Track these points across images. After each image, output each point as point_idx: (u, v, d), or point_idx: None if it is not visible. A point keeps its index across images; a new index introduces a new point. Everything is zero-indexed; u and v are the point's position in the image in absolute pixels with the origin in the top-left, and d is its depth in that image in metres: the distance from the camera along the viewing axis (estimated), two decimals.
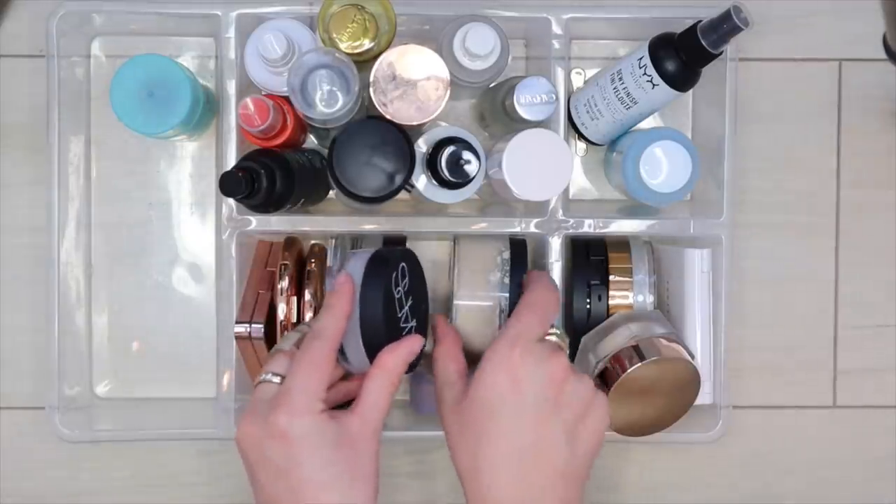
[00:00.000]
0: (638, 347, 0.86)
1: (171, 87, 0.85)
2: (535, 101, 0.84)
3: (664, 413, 0.88)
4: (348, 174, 0.79)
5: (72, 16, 0.90)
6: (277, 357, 0.77)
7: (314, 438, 0.72)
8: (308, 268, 0.89)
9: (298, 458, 0.72)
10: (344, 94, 0.80)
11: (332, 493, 0.72)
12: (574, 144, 0.96)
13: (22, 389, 0.95)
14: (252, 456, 0.74)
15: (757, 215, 0.97)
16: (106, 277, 0.96)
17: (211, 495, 0.96)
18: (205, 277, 0.97)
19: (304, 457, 0.72)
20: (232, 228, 0.90)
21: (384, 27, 0.82)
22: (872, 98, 0.98)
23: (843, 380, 0.99)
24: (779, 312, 0.98)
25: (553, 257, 0.91)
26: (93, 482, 0.96)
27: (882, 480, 0.99)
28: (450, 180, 0.81)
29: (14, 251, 0.95)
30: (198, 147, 0.96)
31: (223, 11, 0.89)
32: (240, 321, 0.88)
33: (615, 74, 0.89)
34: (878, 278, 0.98)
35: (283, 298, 0.87)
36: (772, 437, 0.98)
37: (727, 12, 0.81)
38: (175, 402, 0.96)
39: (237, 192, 0.76)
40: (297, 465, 0.72)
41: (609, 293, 0.91)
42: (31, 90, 0.94)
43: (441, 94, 0.81)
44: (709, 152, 0.92)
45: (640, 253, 0.92)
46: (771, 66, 0.97)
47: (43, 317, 0.91)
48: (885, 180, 0.98)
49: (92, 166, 0.96)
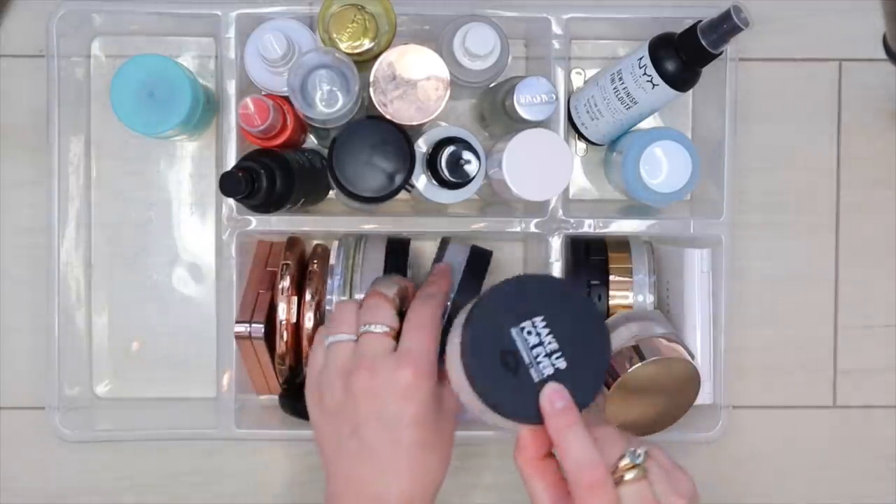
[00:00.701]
0: (638, 347, 0.86)
1: (171, 87, 0.85)
2: (535, 101, 0.84)
3: (664, 413, 0.88)
4: (348, 174, 0.79)
5: (72, 16, 0.90)
6: (382, 305, 0.77)
7: (432, 402, 0.75)
8: (310, 268, 0.89)
9: (414, 416, 0.74)
10: (344, 94, 0.80)
11: (431, 454, 0.75)
12: (574, 144, 0.96)
13: (22, 389, 0.95)
14: (367, 406, 0.74)
15: (757, 215, 0.97)
16: (106, 277, 0.96)
17: (211, 495, 0.96)
18: (205, 277, 0.97)
19: (420, 416, 0.74)
20: (232, 228, 0.90)
21: (384, 27, 0.82)
22: (872, 98, 0.98)
23: (843, 380, 0.99)
24: (779, 312, 0.98)
25: (553, 257, 0.91)
26: (93, 482, 0.96)
27: (882, 480, 0.99)
28: (450, 180, 0.81)
29: (14, 251, 0.95)
30: (198, 147, 0.96)
31: (223, 11, 0.89)
32: (240, 321, 0.88)
33: (615, 74, 0.89)
34: (878, 278, 0.98)
35: (283, 298, 0.87)
36: (772, 437, 0.98)
37: (727, 12, 0.81)
38: (175, 402, 0.96)
39: (237, 192, 0.76)
40: (411, 423, 0.74)
41: (609, 293, 0.91)
42: (31, 90, 0.94)
43: (441, 94, 0.81)
44: (709, 152, 0.92)
45: (640, 253, 0.92)
46: (771, 66, 0.97)
47: (43, 317, 0.91)
48: (885, 180, 0.98)
49: (92, 166, 0.96)
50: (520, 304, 0.66)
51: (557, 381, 0.66)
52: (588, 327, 0.67)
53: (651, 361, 0.85)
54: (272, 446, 0.96)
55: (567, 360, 0.66)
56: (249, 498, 0.96)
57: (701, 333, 0.91)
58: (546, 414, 0.66)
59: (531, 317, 0.66)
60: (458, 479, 0.97)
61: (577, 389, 0.66)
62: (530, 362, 0.66)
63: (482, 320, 0.67)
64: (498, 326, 0.66)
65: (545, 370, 0.66)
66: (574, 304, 0.67)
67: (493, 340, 0.66)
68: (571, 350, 0.66)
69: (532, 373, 0.66)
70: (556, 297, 0.67)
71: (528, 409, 0.66)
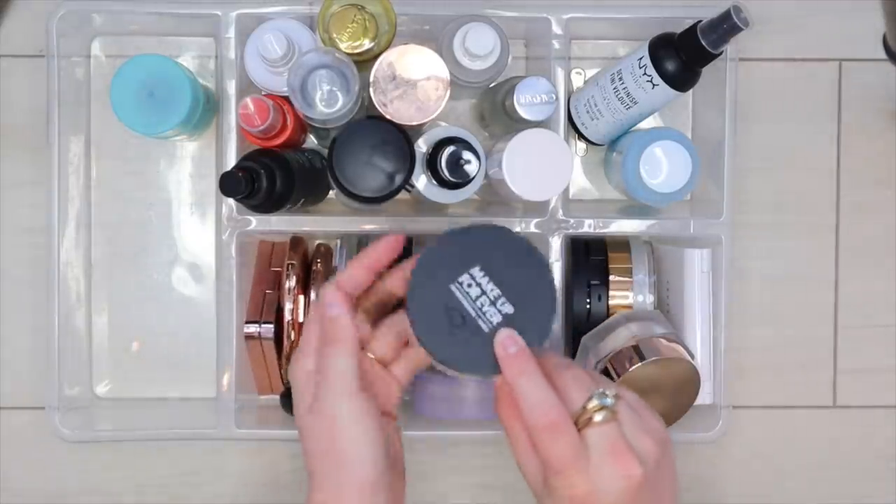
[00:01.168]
0: (638, 347, 0.86)
1: (171, 87, 0.85)
2: (535, 101, 0.84)
3: (664, 413, 0.88)
4: (348, 174, 0.79)
5: (72, 16, 0.90)
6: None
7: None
8: (314, 268, 0.89)
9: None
10: (344, 94, 0.80)
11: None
12: (574, 144, 0.96)
13: (22, 389, 0.95)
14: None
15: (757, 215, 0.97)
16: (106, 277, 0.96)
17: (211, 495, 0.96)
18: (205, 277, 0.97)
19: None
20: (232, 228, 0.90)
21: (384, 27, 0.82)
22: (872, 98, 0.98)
23: (843, 380, 0.99)
24: (779, 312, 0.98)
25: (553, 257, 0.91)
26: (93, 482, 0.96)
27: (882, 480, 0.99)
28: (450, 180, 0.81)
29: (14, 251, 0.95)
30: (198, 147, 0.96)
31: (223, 11, 0.89)
32: (250, 321, 0.88)
33: (615, 74, 0.89)
34: (878, 278, 0.98)
35: (290, 298, 0.88)
36: (772, 437, 0.98)
37: (727, 12, 0.81)
38: (175, 402, 0.96)
39: (237, 192, 0.76)
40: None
41: (609, 293, 0.91)
42: (31, 90, 0.94)
43: (441, 94, 0.81)
44: (709, 152, 0.92)
45: (640, 253, 0.92)
46: (771, 66, 0.97)
47: (43, 317, 0.91)
48: (885, 180, 0.98)
49: (92, 166, 0.96)
50: (455, 258, 0.66)
51: (507, 326, 0.65)
52: (526, 265, 0.66)
53: (651, 361, 0.85)
54: (272, 446, 0.96)
55: (512, 302, 0.66)
56: (249, 498, 0.96)
57: (701, 333, 0.91)
58: (501, 361, 0.66)
59: (468, 268, 0.66)
60: (458, 478, 0.97)
61: (528, 330, 0.66)
62: (476, 314, 0.66)
63: (422, 284, 0.66)
64: (438, 286, 0.66)
65: (493, 318, 0.66)
66: (508, 245, 0.67)
67: (436, 301, 0.66)
68: (515, 292, 0.66)
69: (481, 324, 0.66)
70: (490, 243, 0.67)
71: (484, 361, 0.66)
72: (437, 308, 0.66)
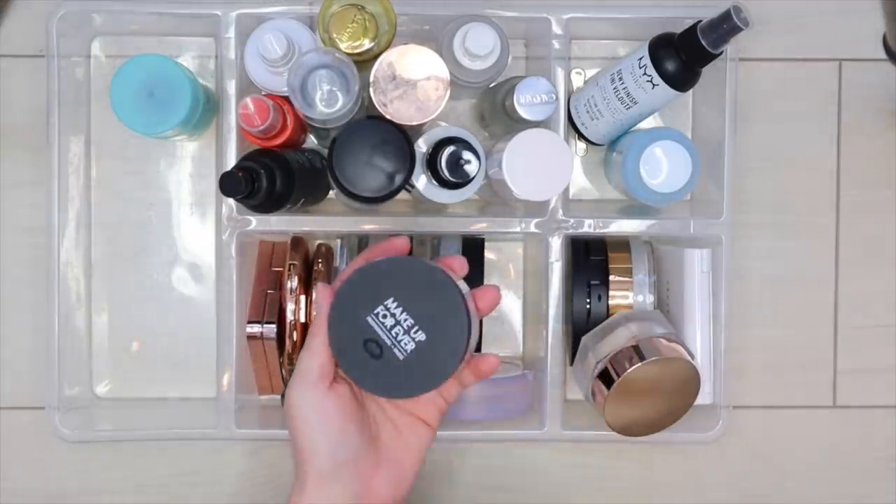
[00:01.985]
0: (638, 347, 0.86)
1: (171, 87, 0.85)
2: (535, 101, 0.84)
3: (664, 413, 0.88)
4: (348, 174, 0.79)
5: (72, 16, 0.90)
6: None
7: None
8: (315, 268, 0.89)
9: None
10: (344, 94, 0.80)
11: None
12: (574, 144, 0.96)
13: (22, 389, 0.95)
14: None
15: (757, 215, 0.97)
16: (106, 277, 0.96)
17: (211, 495, 0.96)
18: (205, 277, 0.97)
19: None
20: (232, 228, 0.90)
21: (384, 27, 0.82)
22: (872, 98, 0.98)
23: (843, 380, 0.99)
24: (779, 312, 0.98)
25: (553, 257, 0.91)
26: (93, 482, 0.96)
27: (882, 480, 0.99)
28: (450, 180, 0.81)
29: (14, 251, 0.95)
30: (198, 147, 0.96)
31: (223, 11, 0.89)
32: (252, 321, 0.88)
33: (615, 74, 0.89)
34: (878, 278, 0.98)
35: (292, 298, 0.88)
36: (772, 437, 0.98)
37: (727, 12, 0.81)
38: (175, 402, 0.96)
39: (237, 192, 0.76)
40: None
41: (609, 293, 0.91)
42: (31, 90, 0.94)
43: (441, 94, 0.81)
44: (709, 152, 0.92)
45: (640, 253, 0.92)
46: (771, 66, 0.97)
47: (43, 317, 0.91)
48: (885, 180, 0.98)
49: (92, 166, 0.96)
50: (369, 291, 0.70)
51: (420, 352, 0.69)
52: (436, 294, 0.70)
53: (651, 361, 0.85)
54: (272, 446, 0.96)
55: (425, 330, 0.69)
56: (249, 498, 0.96)
57: (701, 333, 0.91)
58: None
59: (383, 300, 0.69)
60: (459, 478, 0.97)
61: (440, 354, 0.70)
62: (392, 343, 0.69)
63: (341, 317, 0.70)
64: (355, 318, 0.70)
65: (407, 346, 0.69)
66: (420, 276, 0.70)
67: (354, 333, 0.70)
68: (427, 321, 0.69)
69: (396, 352, 0.70)
70: (402, 274, 0.70)
71: (399, 386, 0.70)
72: (356, 340, 0.70)
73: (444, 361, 0.70)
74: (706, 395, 0.91)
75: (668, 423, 0.89)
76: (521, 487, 0.97)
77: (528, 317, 0.98)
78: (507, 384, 0.91)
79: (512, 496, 0.97)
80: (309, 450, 0.72)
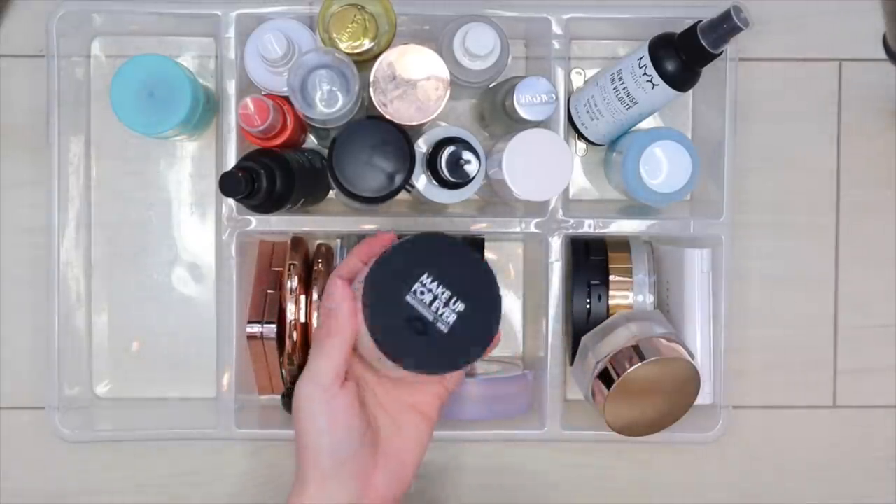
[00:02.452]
0: (638, 347, 0.86)
1: (171, 87, 0.85)
2: (535, 101, 0.84)
3: (664, 413, 0.88)
4: (348, 174, 0.79)
5: (72, 16, 0.90)
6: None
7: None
8: (315, 268, 0.89)
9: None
10: (344, 94, 0.80)
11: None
12: (574, 144, 0.96)
13: (22, 389, 0.95)
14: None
15: (757, 215, 0.97)
16: (106, 277, 0.96)
17: (211, 495, 0.96)
18: (205, 277, 0.97)
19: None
20: (232, 228, 0.90)
21: (384, 27, 0.82)
22: (872, 98, 0.98)
23: (843, 380, 0.99)
24: (779, 312, 0.98)
25: (553, 257, 0.91)
26: (93, 482, 0.96)
27: (882, 480, 0.99)
28: (450, 180, 0.81)
29: (14, 251, 0.95)
30: (198, 147, 0.96)
31: (223, 11, 0.89)
32: (252, 321, 0.88)
33: (615, 74, 0.89)
34: (878, 278, 0.98)
35: (292, 298, 0.88)
36: (772, 437, 0.98)
37: (727, 12, 0.81)
38: (175, 402, 0.96)
39: (237, 192, 0.76)
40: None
41: (609, 293, 0.91)
42: (31, 90, 0.94)
43: (441, 94, 0.81)
44: (709, 152, 0.92)
45: (640, 253, 0.92)
46: (771, 66, 0.97)
47: (43, 317, 0.91)
48: (885, 180, 0.98)
49: (92, 166, 0.96)
50: (402, 272, 0.71)
51: (462, 322, 0.71)
52: (462, 261, 0.72)
53: (651, 361, 0.85)
54: (272, 446, 0.96)
55: (462, 300, 0.71)
56: (249, 498, 0.96)
57: (701, 333, 0.91)
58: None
59: (418, 278, 0.70)
60: (458, 478, 0.97)
61: (480, 322, 0.71)
62: (434, 318, 0.70)
63: (377, 304, 0.70)
64: (394, 301, 0.70)
65: (449, 318, 0.71)
66: (443, 248, 0.72)
67: (395, 315, 0.70)
68: (462, 290, 0.71)
69: (440, 326, 0.71)
70: (432, 250, 0.71)
71: (446, 359, 0.71)
72: (398, 322, 0.70)
73: (485, 326, 0.71)
74: (706, 395, 0.91)
75: (668, 423, 0.89)
76: (521, 487, 0.97)
77: (527, 317, 0.98)
78: (507, 384, 0.91)
79: (512, 496, 0.97)
80: (314, 449, 0.72)
